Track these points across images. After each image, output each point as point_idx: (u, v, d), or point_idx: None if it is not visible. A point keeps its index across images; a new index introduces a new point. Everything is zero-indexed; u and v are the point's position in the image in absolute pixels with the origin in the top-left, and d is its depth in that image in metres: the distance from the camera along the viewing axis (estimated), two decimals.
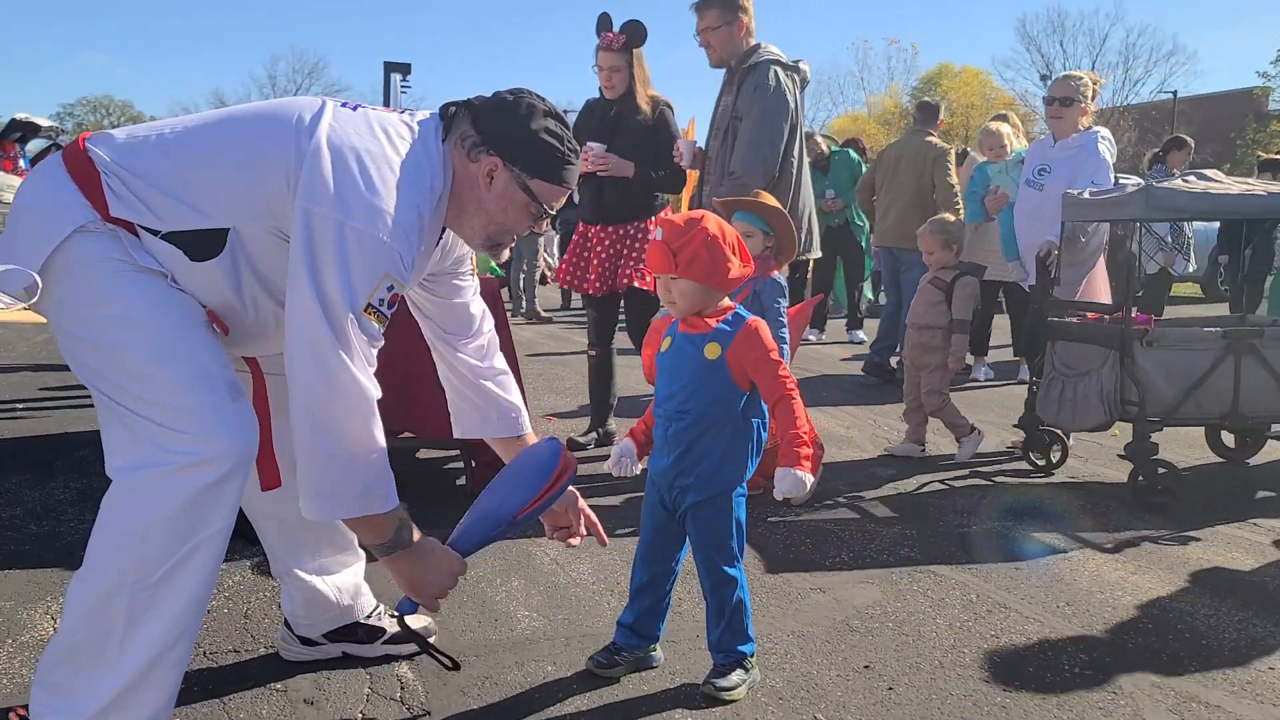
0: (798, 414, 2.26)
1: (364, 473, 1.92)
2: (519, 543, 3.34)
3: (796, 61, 4.40)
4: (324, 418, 1.87)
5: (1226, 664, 2.59)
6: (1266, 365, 4.12)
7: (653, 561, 2.43)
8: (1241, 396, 4.11)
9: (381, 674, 2.40)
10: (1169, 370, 4.08)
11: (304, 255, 1.86)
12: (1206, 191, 4.09)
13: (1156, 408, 4.08)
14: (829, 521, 3.71)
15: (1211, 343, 4.11)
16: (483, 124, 2.05)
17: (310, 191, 1.86)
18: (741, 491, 2.37)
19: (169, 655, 1.87)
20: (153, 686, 1.87)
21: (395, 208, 1.89)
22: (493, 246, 2.18)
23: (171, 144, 1.94)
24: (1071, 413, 4.27)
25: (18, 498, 3.68)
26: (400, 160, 1.94)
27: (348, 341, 1.87)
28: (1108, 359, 4.13)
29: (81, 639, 1.85)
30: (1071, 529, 3.71)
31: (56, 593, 2.79)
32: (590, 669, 2.41)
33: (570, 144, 2.10)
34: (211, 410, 1.86)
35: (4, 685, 2.29)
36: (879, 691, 2.40)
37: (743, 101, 4.26)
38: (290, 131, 1.92)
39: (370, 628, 2.48)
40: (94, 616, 1.84)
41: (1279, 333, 4.16)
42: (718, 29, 4.34)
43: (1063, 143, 4.85)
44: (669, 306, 2.36)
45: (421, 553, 2.06)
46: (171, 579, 1.83)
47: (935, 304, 4.69)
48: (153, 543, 1.82)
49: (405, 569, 2.06)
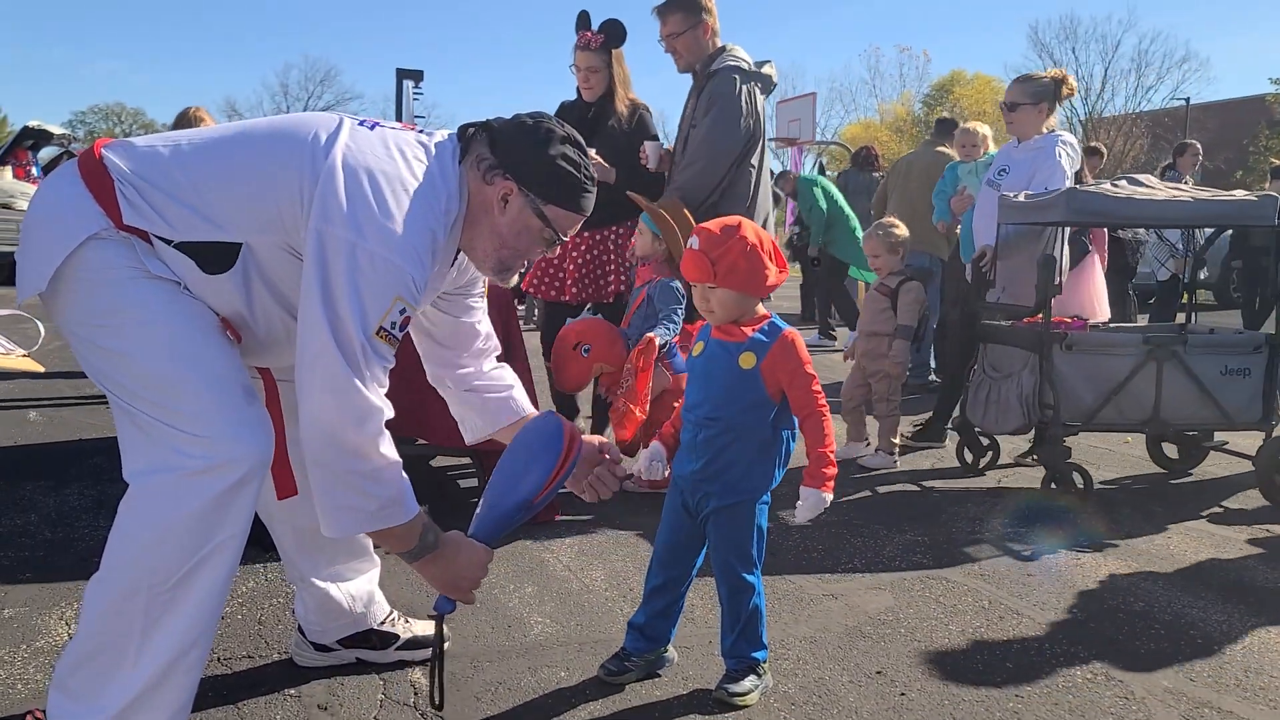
0: (827, 432, 2.26)
1: (381, 488, 1.93)
2: (532, 549, 3.35)
3: (761, 65, 4.30)
4: (337, 438, 1.88)
5: (1240, 669, 2.59)
6: (1189, 372, 4.10)
7: (670, 564, 2.42)
8: (1163, 403, 4.10)
9: (395, 680, 2.41)
10: (1089, 375, 4.07)
11: (317, 276, 1.86)
12: (1130, 197, 4.06)
13: (1073, 412, 4.07)
14: (841, 528, 3.70)
15: (1133, 349, 4.09)
16: (500, 147, 2.05)
17: (324, 211, 1.86)
18: (765, 499, 2.37)
19: (185, 659, 1.88)
20: (169, 690, 1.88)
21: (409, 229, 1.89)
22: (502, 271, 2.15)
23: (188, 156, 1.95)
24: (995, 415, 4.26)
25: (33, 504, 3.70)
26: (416, 182, 1.94)
27: (358, 364, 1.87)
28: (1028, 362, 4.13)
29: (98, 643, 1.86)
30: (1083, 534, 3.71)
31: (71, 599, 2.80)
32: (600, 677, 2.42)
33: (588, 171, 2.09)
34: (228, 415, 1.87)
35: (19, 691, 2.31)
36: (891, 697, 2.40)
37: (700, 109, 4.18)
38: (306, 149, 1.92)
39: (384, 634, 2.48)
40: (110, 621, 1.85)
41: (1202, 340, 4.15)
42: (682, 34, 4.24)
43: (1025, 144, 4.79)
44: (707, 315, 2.34)
45: (449, 553, 2.07)
46: (187, 583, 1.85)
47: (881, 311, 4.66)
48: (169, 547, 1.83)
49: (435, 571, 2.08)
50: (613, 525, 3.67)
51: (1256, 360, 4.17)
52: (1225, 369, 4.15)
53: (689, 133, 4.25)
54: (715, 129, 4.16)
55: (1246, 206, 4.14)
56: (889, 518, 3.88)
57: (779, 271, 2.28)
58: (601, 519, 3.73)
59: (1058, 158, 4.58)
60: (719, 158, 4.17)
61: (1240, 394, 4.16)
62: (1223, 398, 4.14)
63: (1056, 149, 4.62)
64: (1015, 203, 4.31)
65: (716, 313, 2.30)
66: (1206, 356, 4.13)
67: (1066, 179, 4.53)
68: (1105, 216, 4.16)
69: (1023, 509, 4.04)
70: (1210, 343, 4.21)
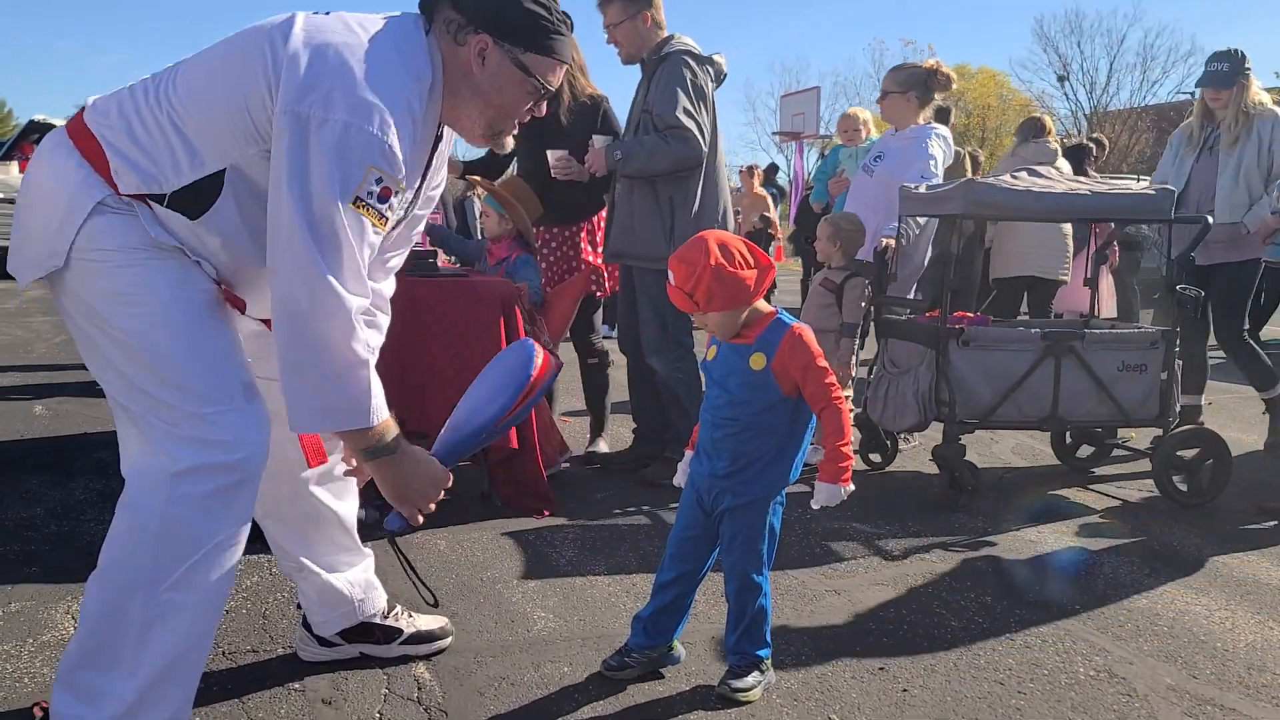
0: (845, 424, 2.25)
1: (348, 387, 1.87)
2: (535, 544, 3.36)
3: (711, 55, 4.22)
4: (305, 329, 1.82)
5: (1243, 667, 2.59)
6: (1086, 368, 4.03)
7: (682, 559, 2.42)
8: (1061, 400, 4.03)
9: (399, 674, 2.42)
10: (986, 371, 3.99)
11: (285, 157, 1.79)
12: (1028, 190, 4.00)
13: (970, 409, 3.99)
14: (844, 523, 3.71)
15: (1030, 344, 4.02)
16: (464, 4, 1.98)
17: (290, 92, 1.80)
18: (780, 499, 2.38)
19: (187, 657, 1.89)
20: (171, 686, 1.88)
21: (380, 99, 1.82)
22: (494, 136, 2.10)
23: (160, 91, 1.90)
24: (893, 412, 4.20)
25: (38, 498, 3.71)
26: (383, 53, 1.87)
27: (329, 247, 1.80)
28: (925, 358, 4.06)
29: (99, 641, 1.86)
30: (1087, 532, 3.71)
31: (77, 593, 2.81)
32: (602, 672, 2.42)
33: (558, 14, 2.04)
34: (226, 413, 1.86)
35: (25, 684, 2.32)
36: (894, 693, 2.40)
37: (653, 94, 4.07)
38: (264, 42, 1.86)
39: (388, 628, 2.49)
40: (110, 619, 1.85)
41: (1099, 335, 4.08)
42: (621, 24, 4.15)
43: (901, 133, 4.80)
44: (712, 333, 2.35)
45: (407, 462, 2.00)
46: (187, 581, 1.85)
47: (826, 306, 4.48)
48: (167, 545, 1.82)
49: (388, 475, 2.00)
50: (614, 520, 3.68)
51: (1153, 355, 4.09)
52: (1122, 365, 4.06)
53: (640, 119, 4.14)
54: (682, 101, 4.00)
55: (1143, 200, 4.10)
56: (892, 513, 3.88)
57: (763, 271, 2.25)
58: (603, 514, 3.73)
59: (928, 150, 4.65)
60: (693, 138, 3.99)
61: (1137, 390, 4.08)
62: (1120, 394, 4.06)
63: (929, 140, 4.68)
64: (915, 194, 4.29)
65: (717, 331, 2.32)
66: (1104, 352, 4.05)
67: (935, 171, 4.60)
68: (1002, 209, 4.08)
69: (1027, 506, 4.04)
70: (1107, 338, 4.10)
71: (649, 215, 4.07)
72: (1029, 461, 4.86)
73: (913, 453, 4.87)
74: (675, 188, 4.08)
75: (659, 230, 4.06)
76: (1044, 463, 4.81)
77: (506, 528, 3.53)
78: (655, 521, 3.66)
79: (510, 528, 3.53)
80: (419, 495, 2.04)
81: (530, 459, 3.70)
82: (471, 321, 3.62)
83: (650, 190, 4.08)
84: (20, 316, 9.42)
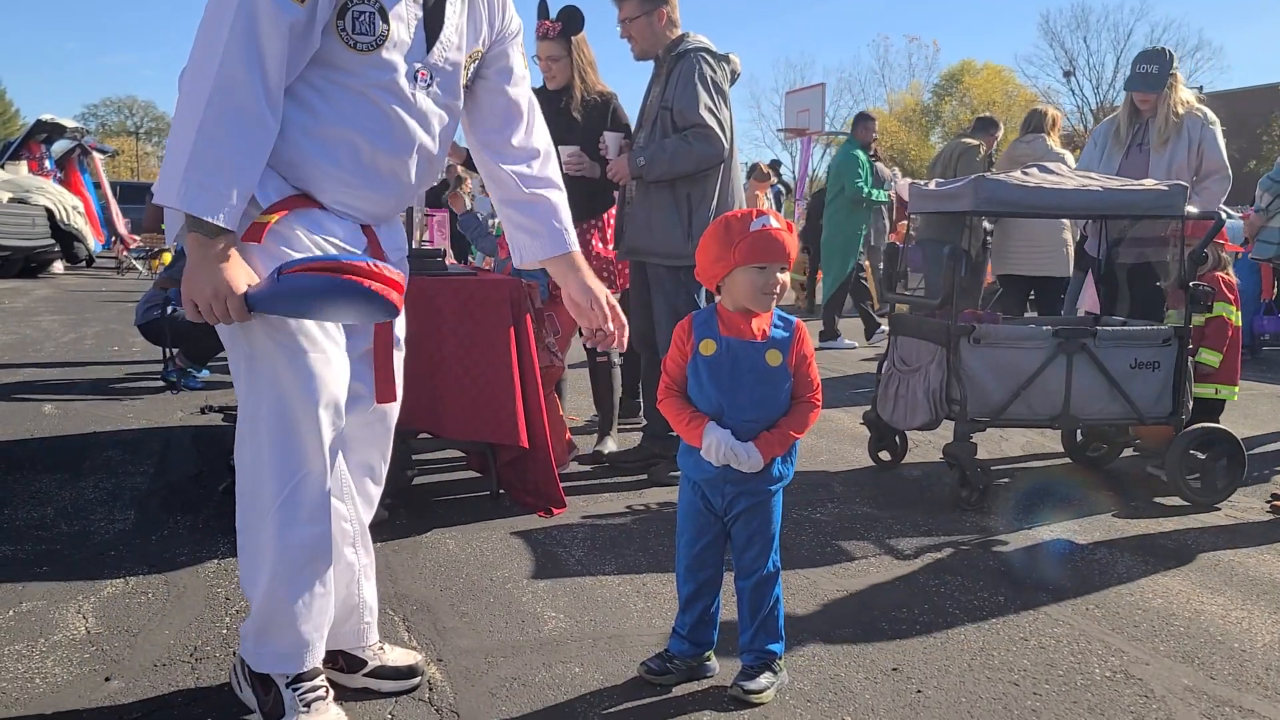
0: (808, 422, 2.32)
1: (201, 163, 1.83)
2: (544, 544, 3.35)
3: (727, 54, 4.21)
4: (188, 85, 1.85)
5: (1260, 667, 2.57)
6: (1099, 365, 3.99)
7: (700, 569, 2.38)
8: (1073, 397, 3.99)
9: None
10: (997, 369, 3.95)
11: None
12: (1039, 186, 3.98)
13: (982, 407, 3.95)
14: (855, 521, 3.69)
15: (1042, 342, 3.98)
16: None
17: None
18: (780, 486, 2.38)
19: (300, 558, 2.06)
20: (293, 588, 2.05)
21: None
22: None
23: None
24: (903, 410, 4.18)
25: (48, 497, 3.71)
26: None
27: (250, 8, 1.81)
28: (936, 356, 4.04)
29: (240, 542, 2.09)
30: (1101, 530, 3.69)
31: (88, 592, 2.80)
32: (641, 675, 2.39)
33: None
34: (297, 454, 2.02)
35: (37, 684, 2.31)
36: (908, 694, 2.38)
37: (671, 91, 4.05)
38: None
39: (351, 657, 2.34)
40: (242, 518, 2.07)
41: (1111, 333, 4.05)
42: (636, 19, 4.14)
43: None
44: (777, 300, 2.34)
45: (213, 252, 1.88)
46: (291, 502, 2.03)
47: None
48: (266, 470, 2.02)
49: (193, 255, 1.90)
50: (623, 518, 3.66)
51: (1166, 353, 4.05)
52: (1135, 362, 4.03)
53: (658, 115, 4.12)
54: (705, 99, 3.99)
55: (1155, 196, 4.06)
56: (903, 513, 3.86)
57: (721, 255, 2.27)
58: (612, 512, 3.72)
59: None
60: (716, 136, 3.99)
61: (1150, 387, 4.05)
62: (1132, 391, 4.03)
63: None
64: (924, 191, 4.26)
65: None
66: (1116, 349, 4.01)
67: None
68: (1013, 205, 4.05)
69: (1039, 505, 4.02)
70: (1120, 335, 4.06)
71: (667, 212, 4.07)
72: (1040, 459, 4.84)
73: (928, 451, 4.85)
74: (693, 185, 4.07)
75: (677, 227, 4.06)
76: (1055, 460, 4.79)
77: (516, 527, 3.53)
78: (665, 521, 3.65)
79: (519, 527, 3.52)
80: (198, 291, 1.90)
81: (543, 458, 3.69)
82: (480, 321, 3.62)
83: (668, 187, 4.08)
84: (29, 315, 9.44)
